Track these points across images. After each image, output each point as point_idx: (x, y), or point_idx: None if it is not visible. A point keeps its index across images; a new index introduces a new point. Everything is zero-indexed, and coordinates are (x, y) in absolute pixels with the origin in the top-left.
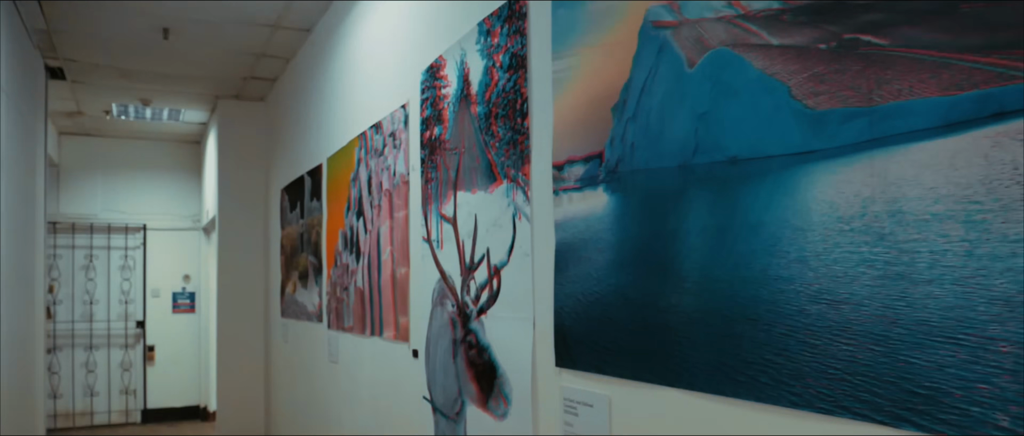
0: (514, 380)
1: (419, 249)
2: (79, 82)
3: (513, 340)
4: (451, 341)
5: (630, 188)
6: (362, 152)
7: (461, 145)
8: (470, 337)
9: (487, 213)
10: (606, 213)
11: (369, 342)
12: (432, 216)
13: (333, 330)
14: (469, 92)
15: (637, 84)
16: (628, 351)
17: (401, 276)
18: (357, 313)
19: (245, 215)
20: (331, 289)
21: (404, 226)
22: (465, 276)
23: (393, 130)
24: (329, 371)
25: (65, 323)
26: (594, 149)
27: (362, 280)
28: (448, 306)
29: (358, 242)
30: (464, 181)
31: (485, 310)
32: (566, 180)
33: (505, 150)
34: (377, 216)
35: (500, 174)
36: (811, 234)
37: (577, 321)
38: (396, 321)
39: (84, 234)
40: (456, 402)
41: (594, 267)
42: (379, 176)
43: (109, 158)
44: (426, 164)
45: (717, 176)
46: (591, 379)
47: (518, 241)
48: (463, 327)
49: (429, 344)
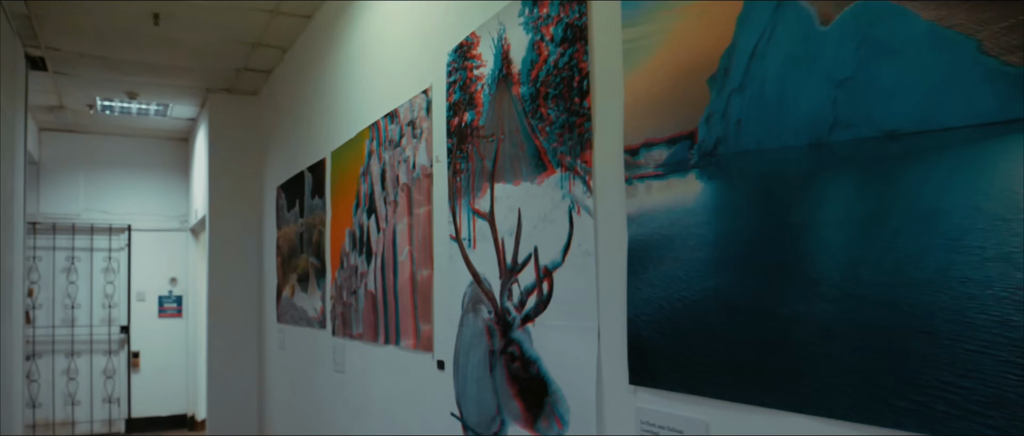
0: (572, 398)
1: (445, 249)
2: (62, 73)
3: (571, 352)
4: (487, 352)
5: (734, 173)
6: (374, 144)
7: (499, 131)
8: (512, 348)
9: (534, 207)
10: (700, 204)
11: (383, 351)
12: (462, 212)
13: (339, 337)
14: (510, 71)
15: (745, 49)
16: (733, 368)
17: (423, 279)
18: (368, 319)
19: (237, 215)
20: (336, 293)
21: (426, 224)
22: (505, 279)
23: (412, 118)
24: (334, 382)
25: (45, 328)
26: (682, 128)
27: (374, 283)
28: (483, 313)
29: (369, 242)
30: (504, 172)
31: (532, 318)
32: (643, 166)
33: (558, 135)
34: (392, 213)
35: (552, 162)
36: (1016, 225)
37: (659, 332)
38: (416, 329)
39: (66, 235)
40: (494, 421)
41: (683, 268)
42: (395, 169)
43: (92, 155)
44: (454, 154)
45: (867, 155)
46: (680, 400)
47: (577, 238)
48: (503, 337)
49: (458, 355)
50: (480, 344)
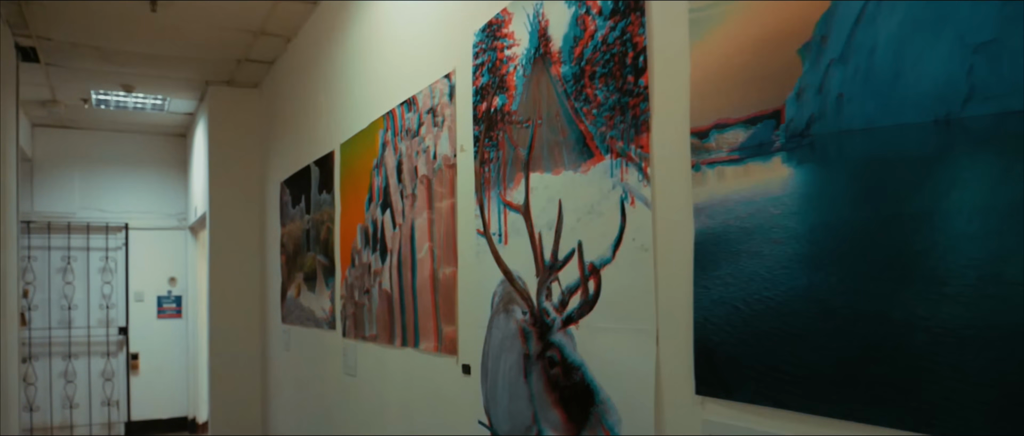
0: (625, 409)
1: (471, 245)
2: (54, 65)
3: (622, 358)
4: (521, 356)
5: (833, 156)
6: (388, 134)
7: (536, 116)
8: (551, 352)
9: (578, 198)
10: (788, 191)
11: (399, 354)
12: (491, 204)
13: (350, 339)
14: (548, 49)
15: (848, 13)
16: (829, 379)
17: (445, 277)
18: (383, 320)
19: (239, 211)
20: (347, 292)
21: (449, 218)
22: (544, 277)
23: (433, 105)
24: (345, 386)
25: (41, 330)
26: (765, 106)
27: (389, 282)
28: (516, 314)
29: (384, 238)
30: (541, 160)
31: (575, 319)
32: (713, 151)
33: (607, 118)
34: (410, 207)
35: (599, 148)
36: None
37: (734, 336)
38: (438, 330)
39: (61, 234)
40: (529, 431)
41: (765, 264)
42: (413, 161)
43: (88, 152)
44: (482, 142)
45: (1013, 132)
46: (759, 414)
47: (630, 232)
48: (540, 340)
49: (487, 359)
50: (513, 348)
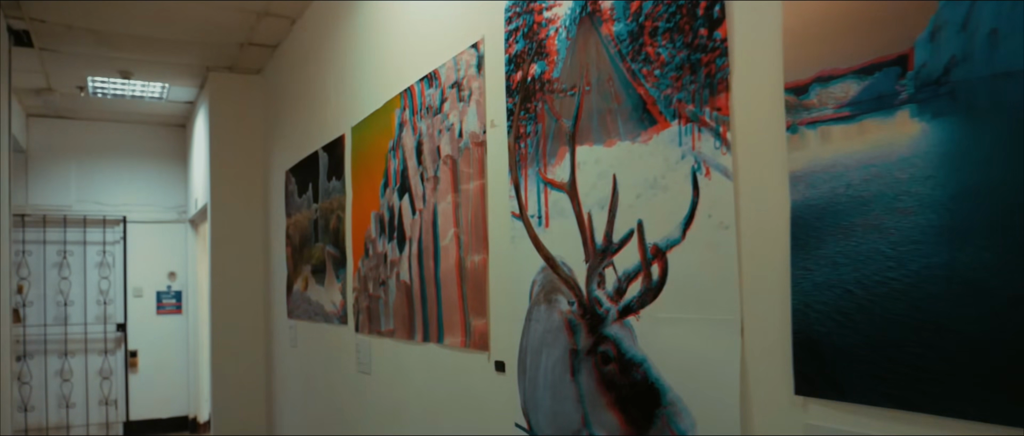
0: (700, 411)
1: (505, 229)
2: (49, 50)
3: (696, 352)
4: (567, 351)
5: (983, 106)
6: (406, 114)
7: (582, 82)
8: (605, 347)
9: (637, 171)
10: (920, 151)
11: (420, 350)
12: (529, 184)
13: (363, 334)
14: (596, 7)
15: None
16: (981, 375)
17: (474, 266)
18: (401, 314)
19: (242, 202)
20: (360, 285)
21: (478, 200)
22: (594, 262)
23: (458, 79)
24: (359, 383)
25: (36, 327)
26: (886, 51)
27: (408, 272)
28: (561, 304)
29: (402, 226)
30: (590, 131)
31: (635, 309)
32: (815, 108)
33: (674, 79)
34: (432, 191)
35: (664, 114)
36: None
37: (846, 325)
38: (466, 324)
39: (57, 228)
40: (578, 435)
41: (888, 239)
42: (435, 140)
43: (84, 143)
44: (517, 116)
45: None
46: (881, 417)
47: (704, 207)
48: (591, 333)
49: (525, 354)
50: (557, 342)
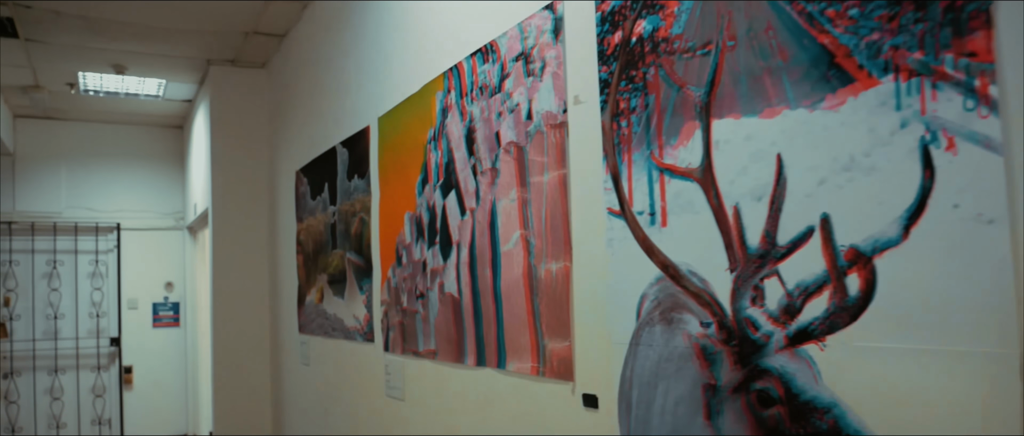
0: None
1: (597, 229)
2: (36, 41)
3: (934, 399)
4: (698, 387)
5: None
6: (450, 97)
7: (720, 37)
8: (765, 383)
9: (819, 149)
10: None
11: (472, 376)
12: (633, 172)
13: (394, 354)
14: None
15: None
16: None
17: (551, 276)
18: (445, 332)
19: (246, 207)
20: (391, 297)
21: (556, 195)
22: (747, 270)
23: (526, 49)
24: (388, 410)
25: (24, 342)
26: None
27: (456, 283)
28: (688, 325)
29: (447, 229)
30: (733, 99)
31: (818, 335)
32: None
33: (884, 18)
34: (488, 186)
35: (866, 68)
36: None
37: None
38: (538, 347)
39: (46, 236)
40: None
41: None
42: (492, 125)
43: (75, 145)
44: (614, 88)
45: None
46: None
47: (944, 195)
48: (740, 364)
49: (628, 387)
50: (682, 374)
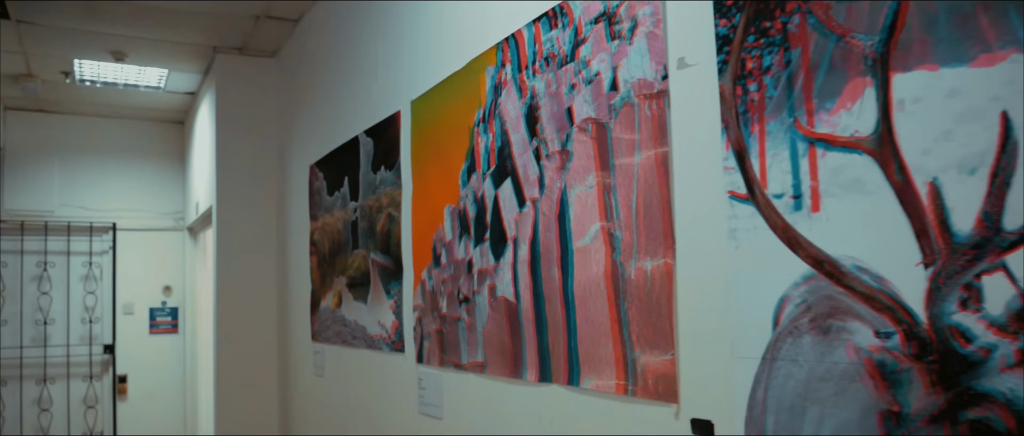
0: None
1: (713, 219)
2: (28, 23)
3: None
4: (875, 415)
5: None
6: (505, 72)
7: None
8: (985, 411)
9: None
10: None
11: (533, 392)
12: (767, 145)
13: (430, 366)
14: None
15: None
16: None
17: (646, 275)
18: (498, 342)
19: (253, 205)
20: (426, 302)
21: (654, 178)
22: (952, 264)
23: (610, 8)
24: (423, 429)
25: (12, 349)
26: None
27: (512, 286)
28: (855, 334)
29: (500, 223)
30: (924, 47)
31: None
32: None
33: None
34: (557, 171)
35: None
36: None
37: None
38: (626, 360)
39: (37, 236)
40: None
41: None
42: (562, 101)
43: (69, 140)
44: (739, 44)
45: None
46: None
47: None
48: (945, 385)
49: (762, 413)
50: (848, 398)
